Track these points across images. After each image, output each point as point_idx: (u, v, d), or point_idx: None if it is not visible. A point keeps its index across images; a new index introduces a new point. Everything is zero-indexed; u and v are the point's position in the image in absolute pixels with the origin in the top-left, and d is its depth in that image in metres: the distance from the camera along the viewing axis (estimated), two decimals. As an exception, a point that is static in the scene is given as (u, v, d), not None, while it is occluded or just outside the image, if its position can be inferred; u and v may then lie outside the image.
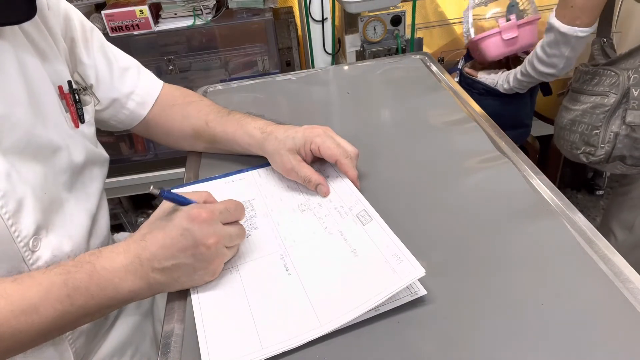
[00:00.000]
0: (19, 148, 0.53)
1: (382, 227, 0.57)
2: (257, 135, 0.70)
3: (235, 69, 1.54)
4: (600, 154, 1.11)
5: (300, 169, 0.65)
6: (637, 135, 1.06)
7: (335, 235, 0.59)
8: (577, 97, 1.16)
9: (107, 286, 0.49)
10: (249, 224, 0.63)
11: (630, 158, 1.10)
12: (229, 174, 0.73)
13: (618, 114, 1.08)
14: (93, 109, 0.68)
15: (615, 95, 1.06)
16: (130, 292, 0.50)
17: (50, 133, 0.57)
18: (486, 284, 0.51)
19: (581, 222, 0.58)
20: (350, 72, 1.03)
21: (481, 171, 0.67)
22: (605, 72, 1.10)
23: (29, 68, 0.56)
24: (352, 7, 1.20)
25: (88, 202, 0.63)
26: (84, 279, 0.48)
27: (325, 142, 0.65)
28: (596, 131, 1.11)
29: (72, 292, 0.48)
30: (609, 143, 1.10)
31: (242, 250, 0.59)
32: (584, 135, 1.14)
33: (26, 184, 0.54)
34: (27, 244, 0.53)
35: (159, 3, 1.39)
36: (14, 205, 0.52)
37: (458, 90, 0.89)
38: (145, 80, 0.75)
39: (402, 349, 0.46)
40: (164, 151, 1.62)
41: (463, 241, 0.57)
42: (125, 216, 1.85)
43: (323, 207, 0.64)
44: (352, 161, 0.65)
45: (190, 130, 0.76)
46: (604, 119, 1.09)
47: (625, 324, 0.46)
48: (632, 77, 1.05)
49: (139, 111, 0.74)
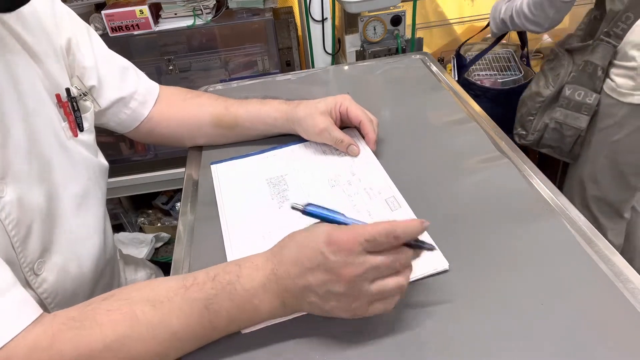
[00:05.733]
0: (24, 172, 0.52)
1: (410, 216, 0.60)
2: (283, 108, 0.74)
3: (235, 69, 1.54)
4: (530, 139, 1.19)
5: (332, 130, 0.71)
6: (564, 132, 1.11)
7: (362, 214, 0.62)
8: (538, 75, 1.19)
9: (247, 308, 0.46)
10: (281, 196, 0.67)
11: (558, 149, 1.16)
12: (264, 151, 0.77)
13: (552, 106, 1.12)
14: (92, 115, 0.65)
15: (553, 89, 1.10)
16: (269, 312, 0.47)
17: (47, 150, 0.56)
18: (486, 283, 0.51)
19: (581, 222, 0.58)
20: (350, 72, 1.03)
21: (481, 171, 0.67)
22: (562, 57, 1.12)
23: (21, 79, 0.54)
24: (352, 7, 1.21)
25: (91, 215, 0.62)
26: (225, 302, 0.46)
27: (352, 105, 0.72)
28: (530, 118, 1.16)
29: (213, 317, 0.46)
30: (539, 131, 1.16)
31: (274, 220, 0.63)
32: (522, 118, 1.20)
33: (34, 208, 0.53)
34: (31, 268, 0.53)
35: (159, 3, 1.39)
36: (24, 232, 0.51)
37: (458, 90, 0.89)
38: (144, 80, 0.75)
39: (402, 349, 0.46)
40: (164, 151, 1.61)
41: (463, 241, 0.57)
42: (125, 216, 1.85)
43: (352, 185, 0.67)
44: (373, 125, 0.72)
45: (209, 117, 0.76)
46: (539, 108, 1.14)
47: (625, 324, 0.46)
48: (572, 74, 1.07)
49: (140, 110, 0.73)
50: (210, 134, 0.78)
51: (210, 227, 0.63)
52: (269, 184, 0.69)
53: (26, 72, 0.55)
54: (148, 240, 1.80)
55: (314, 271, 0.44)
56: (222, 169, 0.74)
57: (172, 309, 0.45)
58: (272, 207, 0.65)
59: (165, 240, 1.86)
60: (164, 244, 1.86)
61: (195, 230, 0.64)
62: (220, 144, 0.79)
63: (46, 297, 0.55)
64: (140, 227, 1.88)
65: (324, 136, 0.72)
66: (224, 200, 0.68)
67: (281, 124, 0.75)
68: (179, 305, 0.45)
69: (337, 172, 0.70)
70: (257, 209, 0.66)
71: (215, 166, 0.75)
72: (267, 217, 0.64)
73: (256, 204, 0.66)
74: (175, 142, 0.80)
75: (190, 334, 0.46)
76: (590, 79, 1.05)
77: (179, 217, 0.68)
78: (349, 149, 0.72)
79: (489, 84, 1.47)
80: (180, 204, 0.71)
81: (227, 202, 0.67)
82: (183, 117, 0.76)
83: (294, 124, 0.74)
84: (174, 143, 0.80)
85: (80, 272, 0.59)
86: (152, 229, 1.86)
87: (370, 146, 0.72)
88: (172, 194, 1.86)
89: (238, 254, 0.58)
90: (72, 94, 0.61)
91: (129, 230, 1.87)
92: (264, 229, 0.62)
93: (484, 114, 0.82)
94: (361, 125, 0.72)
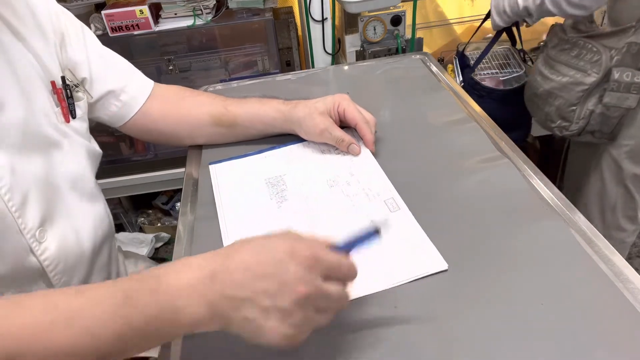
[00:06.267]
0: (18, 144, 0.54)
1: (409, 218, 0.60)
2: (282, 108, 0.74)
3: (235, 69, 1.54)
4: (574, 129, 1.16)
5: (333, 130, 0.71)
6: (610, 114, 1.10)
7: (362, 215, 0.62)
8: (555, 65, 1.16)
9: (166, 309, 0.40)
10: (280, 196, 0.67)
11: (599, 132, 1.15)
12: (262, 151, 0.77)
13: (596, 92, 1.10)
14: (85, 105, 0.68)
15: (597, 75, 1.08)
16: (191, 321, 0.41)
17: (43, 128, 0.58)
18: (486, 283, 0.51)
19: (581, 222, 0.58)
20: (350, 72, 1.03)
21: (481, 171, 0.67)
22: (587, 45, 1.10)
23: (17, 64, 0.57)
24: (352, 7, 1.20)
25: (89, 194, 0.65)
26: (144, 296, 0.41)
27: (349, 106, 0.72)
28: (573, 107, 1.13)
29: (130, 311, 0.40)
30: (584, 119, 1.13)
31: (273, 220, 0.63)
32: (560, 110, 1.17)
33: (29, 178, 0.55)
34: (33, 235, 0.55)
35: (159, 3, 1.39)
36: (19, 198, 0.53)
37: (458, 90, 0.89)
38: (138, 76, 0.76)
39: (402, 349, 0.46)
40: (164, 151, 1.62)
41: (463, 241, 0.57)
42: (125, 216, 1.85)
43: (351, 185, 0.67)
44: (369, 126, 0.72)
45: (208, 116, 0.76)
46: (581, 97, 1.11)
47: (625, 324, 0.46)
48: (615, 58, 1.06)
49: (131, 103, 0.73)
50: (209, 133, 0.78)
51: (210, 227, 0.64)
52: (268, 184, 0.69)
53: (21, 59, 0.58)
54: (148, 240, 1.80)
55: (266, 279, 0.40)
56: (221, 169, 0.74)
57: (94, 297, 0.41)
58: (270, 207, 0.65)
59: (165, 240, 1.87)
60: (164, 244, 1.86)
61: (195, 230, 0.64)
62: (219, 143, 0.80)
63: (48, 265, 0.57)
64: (140, 227, 1.89)
65: (325, 136, 0.72)
66: (222, 200, 0.68)
67: (280, 124, 0.75)
68: (102, 293, 0.41)
69: (336, 172, 0.70)
70: (255, 208, 0.66)
71: (213, 166, 0.75)
72: (266, 216, 0.64)
73: (255, 203, 0.67)
74: (174, 141, 0.80)
75: (105, 329, 0.40)
76: (633, 59, 1.06)
77: (179, 217, 0.68)
78: (350, 148, 0.72)
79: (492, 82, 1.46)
80: (180, 204, 0.71)
81: (225, 202, 0.67)
82: (181, 114, 0.76)
83: (293, 124, 0.74)
84: (173, 141, 0.80)
85: (78, 245, 0.61)
86: (152, 229, 1.86)
87: (368, 148, 0.72)
88: (172, 194, 1.86)
89: None
90: (67, 82, 0.63)
91: (129, 230, 1.87)
92: (262, 228, 0.61)
93: (484, 114, 0.82)
94: (357, 128, 0.72)
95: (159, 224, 1.87)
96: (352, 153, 0.72)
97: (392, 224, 0.59)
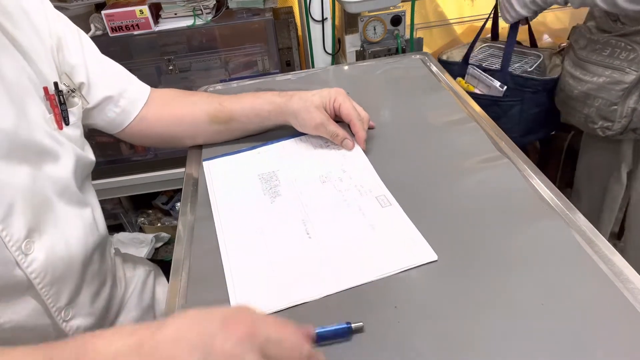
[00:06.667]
0: (4, 153, 0.52)
1: (399, 213, 0.61)
2: (277, 100, 0.74)
3: (235, 69, 1.54)
4: (617, 128, 1.15)
5: (328, 124, 0.72)
6: None
7: (353, 209, 0.63)
8: (587, 66, 1.14)
9: None
10: (273, 192, 0.68)
11: None
12: (255, 147, 0.77)
13: (636, 90, 1.09)
14: (80, 111, 0.66)
15: (636, 72, 1.07)
16: None
17: (34, 135, 0.56)
18: (486, 283, 0.51)
19: (581, 222, 0.58)
20: (350, 72, 1.03)
21: (481, 171, 0.67)
22: (619, 44, 1.08)
23: (6, 71, 0.55)
24: (352, 7, 1.20)
25: (78, 202, 0.63)
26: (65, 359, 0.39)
27: (345, 102, 0.72)
28: (614, 107, 1.12)
29: None
30: (626, 117, 1.12)
31: (267, 215, 0.63)
32: (601, 110, 1.15)
33: (15, 188, 0.53)
34: (19, 247, 0.53)
35: (159, 3, 1.39)
36: (3, 210, 0.51)
37: (458, 90, 0.89)
38: (135, 81, 0.75)
39: (402, 348, 0.46)
40: (164, 151, 1.61)
41: (463, 241, 0.57)
42: (125, 216, 1.85)
43: (343, 181, 0.68)
44: (363, 124, 0.73)
45: (204, 114, 0.76)
46: (622, 95, 1.10)
47: (625, 324, 0.46)
48: None
49: (130, 109, 0.73)
50: (208, 131, 0.78)
51: (210, 227, 0.64)
52: (261, 180, 0.70)
53: (12, 64, 0.57)
54: (148, 240, 1.80)
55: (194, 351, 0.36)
56: (214, 166, 0.75)
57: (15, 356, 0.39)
58: (264, 203, 0.66)
59: (165, 240, 1.87)
60: (164, 244, 1.86)
61: (195, 230, 0.64)
62: (218, 142, 0.80)
63: (35, 277, 0.55)
64: (140, 227, 1.89)
65: (320, 130, 0.73)
66: (216, 196, 0.69)
67: (275, 116, 0.75)
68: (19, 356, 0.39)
69: (328, 169, 0.71)
70: (249, 204, 0.66)
71: (207, 163, 0.75)
72: (259, 212, 0.65)
73: (248, 199, 0.67)
74: (173, 143, 0.80)
75: None
76: None
77: (179, 217, 0.68)
78: (343, 143, 0.73)
79: None
80: (180, 204, 0.71)
81: (219, 199, 0.68)
82: (178, 115, 0.76)
83: (288, 116, 0.74)
84: (172, 143, 0.80)
85: (68, 254, 0.59)
86: (152, 229, 1.86)
87: (360, 145, 0.73)
88: (172, 194, 1.86)
89: (232, 250, 0.59)
90: (59, 88, 0.62)
91: (129, 230, 1.87)
92: (256, 224, 0.63)
93: (484, 114, 0.82)
94: (351, 124, 0.73)
95: (159, 224, 1.87)
96: (345, 147, 0.73)
97: (383, 219, 0.61)
